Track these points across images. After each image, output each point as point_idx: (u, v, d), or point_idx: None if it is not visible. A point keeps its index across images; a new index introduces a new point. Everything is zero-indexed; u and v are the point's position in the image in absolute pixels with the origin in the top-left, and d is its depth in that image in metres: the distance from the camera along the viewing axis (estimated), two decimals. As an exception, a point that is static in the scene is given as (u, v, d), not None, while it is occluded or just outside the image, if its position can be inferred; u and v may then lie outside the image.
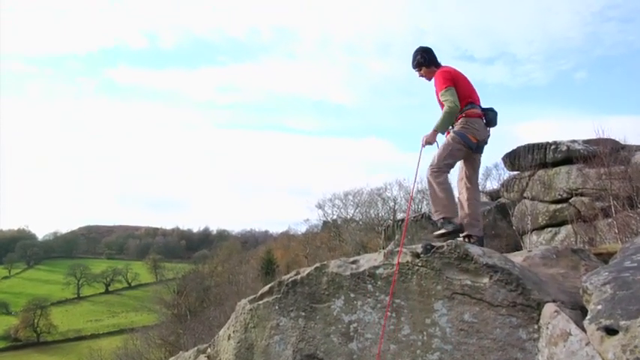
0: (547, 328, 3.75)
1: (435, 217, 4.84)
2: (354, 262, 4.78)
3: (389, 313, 4.40)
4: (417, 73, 5.06)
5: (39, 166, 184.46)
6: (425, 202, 29.80)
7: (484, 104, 4.91)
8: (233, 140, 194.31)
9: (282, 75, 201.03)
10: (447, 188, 4.71)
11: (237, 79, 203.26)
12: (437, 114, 4.74)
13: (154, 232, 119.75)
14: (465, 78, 4.93)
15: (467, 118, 4.76)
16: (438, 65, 4.98)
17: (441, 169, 4.69)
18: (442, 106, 4.74)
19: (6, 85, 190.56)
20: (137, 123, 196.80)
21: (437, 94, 4.79)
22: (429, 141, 4.68)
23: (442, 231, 4.69)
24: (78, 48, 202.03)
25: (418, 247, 4.54)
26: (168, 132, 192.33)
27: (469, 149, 4.78)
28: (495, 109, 4.91)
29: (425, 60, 4.97)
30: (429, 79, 5.00)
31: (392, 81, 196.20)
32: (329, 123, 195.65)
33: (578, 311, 3.79)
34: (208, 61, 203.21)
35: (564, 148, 14.39)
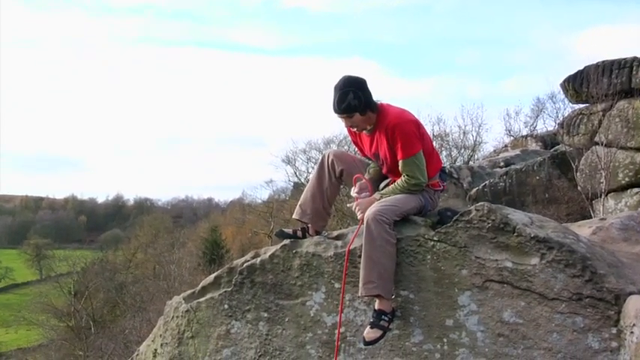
0: (632, 332, 3.84)
1: (362, 293, 4.47)
2: (338, 238, 4.84)
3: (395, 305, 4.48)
4: (341, 120, 4.76)
5: None
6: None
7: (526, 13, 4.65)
8: (148, 64, 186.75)
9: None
10: (393, 252, 4.51)
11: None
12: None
13: (35, 204, 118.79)
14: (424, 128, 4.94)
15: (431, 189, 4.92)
16: (374, 106, 4.73)
17: (389, 223, 4.51)
18: (397, 172, 4.77)
19: None
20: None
21: (397, 154, 4.68)
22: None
23: (377, 333, 4.39)
24: None
25: (433, 214, 4.60)
26: (42, 50, 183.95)
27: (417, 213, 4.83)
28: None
29: (360, 102, 4.65)
30: (363, 129, 4.82)
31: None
32: (290, 36, 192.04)
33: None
34: None
35: (660, 66, 14.47)
